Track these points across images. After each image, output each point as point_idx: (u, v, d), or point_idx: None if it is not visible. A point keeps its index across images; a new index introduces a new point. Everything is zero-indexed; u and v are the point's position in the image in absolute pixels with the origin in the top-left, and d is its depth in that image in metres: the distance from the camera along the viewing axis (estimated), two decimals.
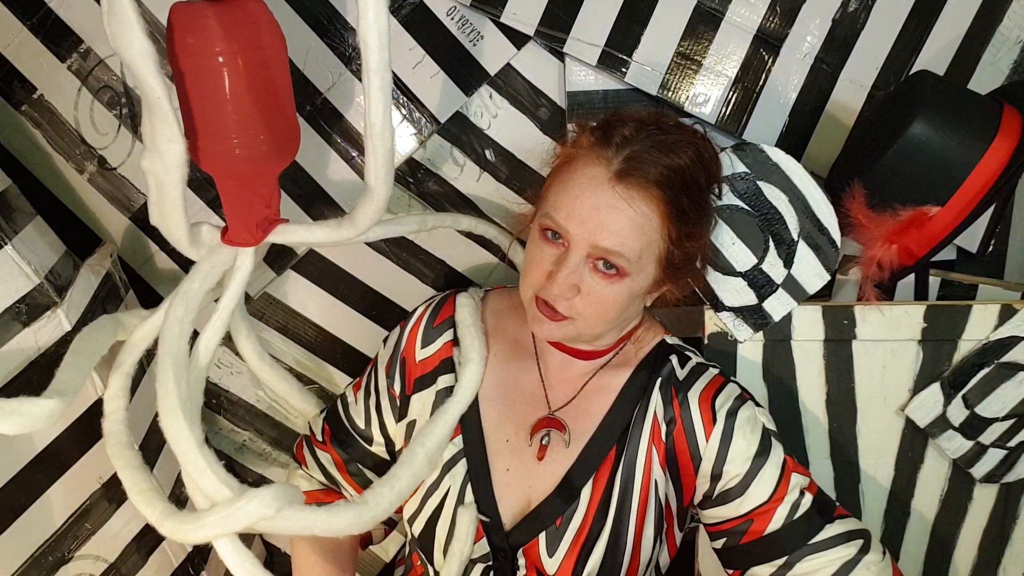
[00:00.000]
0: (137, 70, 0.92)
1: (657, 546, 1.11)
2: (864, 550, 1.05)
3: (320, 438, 1.28)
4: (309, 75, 1.35)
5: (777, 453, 1.06)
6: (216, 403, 1.55)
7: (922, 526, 1.25)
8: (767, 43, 1.33)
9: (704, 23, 1.33)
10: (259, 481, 1.62)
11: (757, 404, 1.10)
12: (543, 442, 1.11)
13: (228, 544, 1.02)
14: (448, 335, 1.18)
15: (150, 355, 1.23)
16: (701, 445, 1.07)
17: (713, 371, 1.12)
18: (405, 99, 1.38)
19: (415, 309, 1.22)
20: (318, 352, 1.52)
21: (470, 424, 1.14)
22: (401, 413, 1.19)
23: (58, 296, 1.11)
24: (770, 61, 1.34)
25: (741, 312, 1.17)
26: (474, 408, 1.15)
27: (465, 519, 1.09)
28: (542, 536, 1.09)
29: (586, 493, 1.09)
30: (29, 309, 1.08)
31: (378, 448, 1.23)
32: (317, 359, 1.53)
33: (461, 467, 1.13)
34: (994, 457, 1.19)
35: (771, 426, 1.09)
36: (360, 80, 1.36)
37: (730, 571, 1.11)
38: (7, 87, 1.32)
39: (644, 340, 1.16)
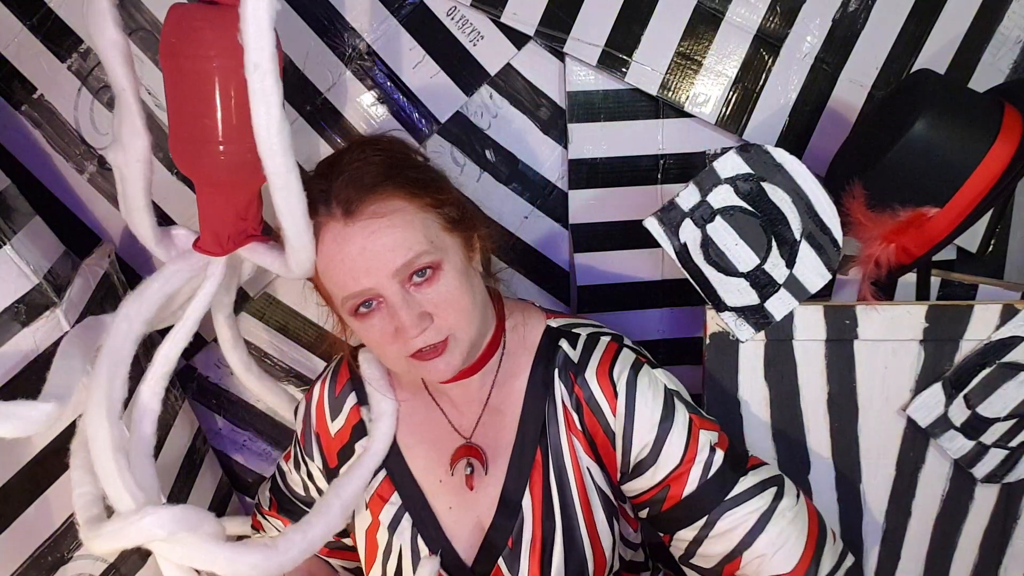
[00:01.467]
0: (106, 61, 0.92)
1: (615, 528, 1.11)
2: (778, 497, 1.05)
3: (267, 507, 1.32)
4: (309, 75, 1.35)
5: (682, 414, 1.06)
6: (216, 403, 1.55)
7: (923, 526, 1.25)
8: (767, 43, 1.33)
9: (704, 23, 1.33)
10: (258, 481, 1.62)
11: (655, 366, 1.10)
12: (467, 472, 1.10)
13: (168, 566, 0.99)
14: (352, 399, 1.18)
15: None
16: (610, 420, 1.06)
17: (605, 339, 1.11)
18: (405, 99, 1.38)
19: (318, 376, 1.23)
20: (318, 352, 1.52)
21: (401, 477, 1.14)
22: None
23: (57, 296, 1.11)
24: (770, 61, 1.34)
25: (743, 312, 1.17)
26: (400, 460, 1.14)
27: (425, 572, 1.09)
28: (501, 561, 1.09)
29: (527, 504, 1.08)
30: (28, 309, 1.08)
31: None
32: (317, 359, 1.53)
33: (406, 522, 1.13)
34: (995, 457, 1.19)
35: (673, 386, 1.09)
36: (360, 80, 1.37)
37: (661, 535, 1.11)
38: (7, 87, 1.32)
39: (527, 330, 1.14)
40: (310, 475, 1.22)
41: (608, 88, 1.38)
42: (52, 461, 1.13)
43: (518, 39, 1.36)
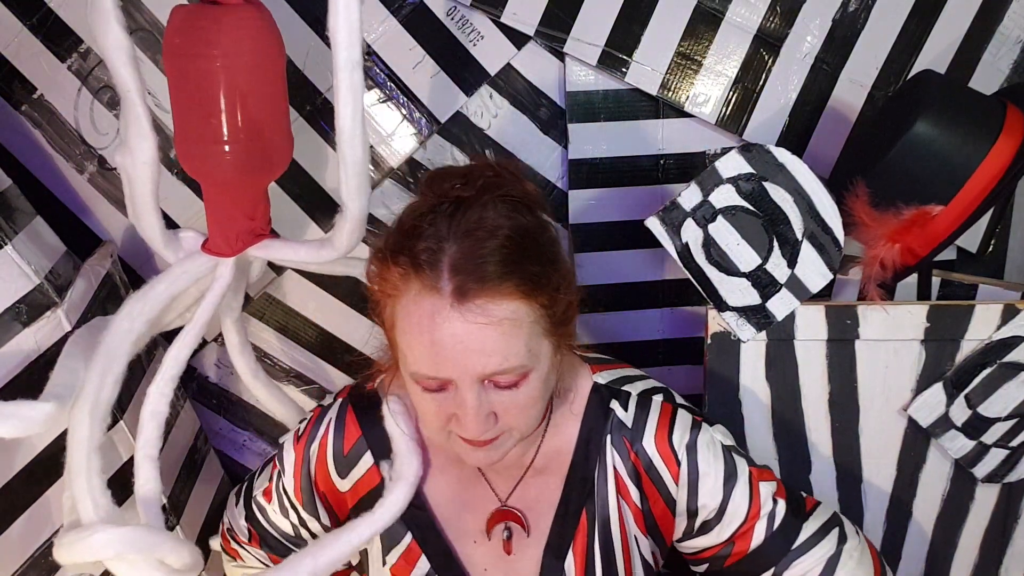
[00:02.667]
0: (111, 62, 0.92)
1: None
2: (842, 539, 1.06)
3: (246, 539, 1.19)
4: (309, 75, 1.35)
5: (742, 469, 1.04)
6: (216, 403, 1.55)
7: (924, 526, 1.25)
8: (767, 43, 1.33)
9: (704, 23, 1.33)
10: None
11: (708, 422, 1.06)
12: (504, 537, 1.04)
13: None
14: (367, 459, 1.06)
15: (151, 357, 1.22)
16: (672, 489, 1.03)
17: (657, 400, 1.05)
18: (405, 99, 1.37)
19: (309, 428, 1.09)
20: (318, 352, 1.52)
21: (429, 542, 1.05)
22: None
23: (58, 296, 1.11)
24: (770, 61, 1.34)
25: (744, 312, 1.17)
26: (429, 522, 1.05)
27: None
28: None
29: (570, 568, 1.03)
30: (29, 309, 1.07)
31: None
32: (317, 359, 1.52)
33: None
34: (996, 457, 1.19)
35: (728, 441, 1.06)
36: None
37: None
38: (7, 87, 1.32)
39: (573, 390, 1.05)
40: (303, 523, 1.12)
41: (608, 88, 1.38)
42: (52, 462, 1.12)
43: (518, 39, 1.36)
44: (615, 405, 1.04)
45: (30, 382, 1.06)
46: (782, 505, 1.04)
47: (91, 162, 1.37)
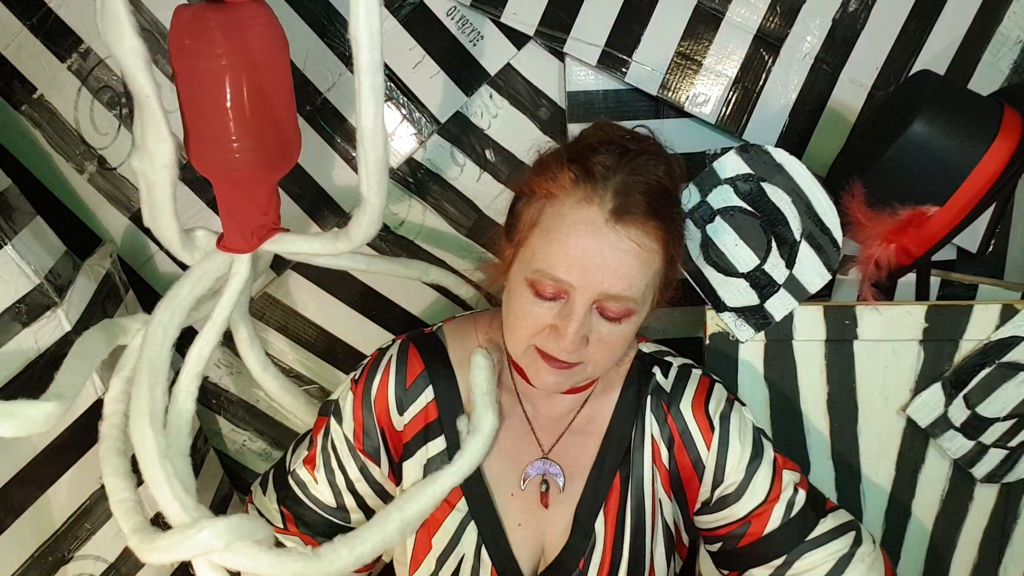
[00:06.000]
0: (127, 68, 0.92)
1: (672, 564, 1.11)
2: (857, 542, 1.07)
3: (282, 525, 1.15)
4: (309, 75, 1.35)
5: (768, 452, 1.07)
6: (216, 403, 1.55)
7: (923, 526, 1.25)
8: (767, 43, 1.33)
9: (704, 23, 1.33)
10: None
11: (742, 403, 1.11)
12: (542, 489, 1.08)
13: (204, 565, 0.99)
14: (428, 393, 1.08)
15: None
16: (703, 454, 1.06)
17: (696, 373, 1.10)
18: (405, 99, 1.38)
19: (368, 368, 1.11)
20: (318, 352, 1.52)
21: (472, 484, 1.06)
22: (396, 480, 1.11)
23: (58, 296, 1.11)
24: (770, 61, 1.34)
25: (743, 312, 1.17)
26: (475, 469, 1.06)
27: None
28: None
29: (599, 527, 1.06)
30: (29, 309, 1.08)
31: (359, 522, 1.13)
32: (317, 359, 1.53)
33: (471, 532, 1.07)
34: (995, 457, 1.19)
35: (759, 424, 1.10)
36: None
37: (726, 572, 1.11)
38: (7, 87, 1.32)
39: (625, 357, 1.10)
40: (350, 485, 1.11)
41: (608, 88, 1.38)
42: (52, 461, 1.13)
43: (518, 39, 1.36)
44: (656, 371, 1.10)
45: (30, 382, 1.07)
46: (802, 495, 1.07)
47: (91, 162, 1.37)
